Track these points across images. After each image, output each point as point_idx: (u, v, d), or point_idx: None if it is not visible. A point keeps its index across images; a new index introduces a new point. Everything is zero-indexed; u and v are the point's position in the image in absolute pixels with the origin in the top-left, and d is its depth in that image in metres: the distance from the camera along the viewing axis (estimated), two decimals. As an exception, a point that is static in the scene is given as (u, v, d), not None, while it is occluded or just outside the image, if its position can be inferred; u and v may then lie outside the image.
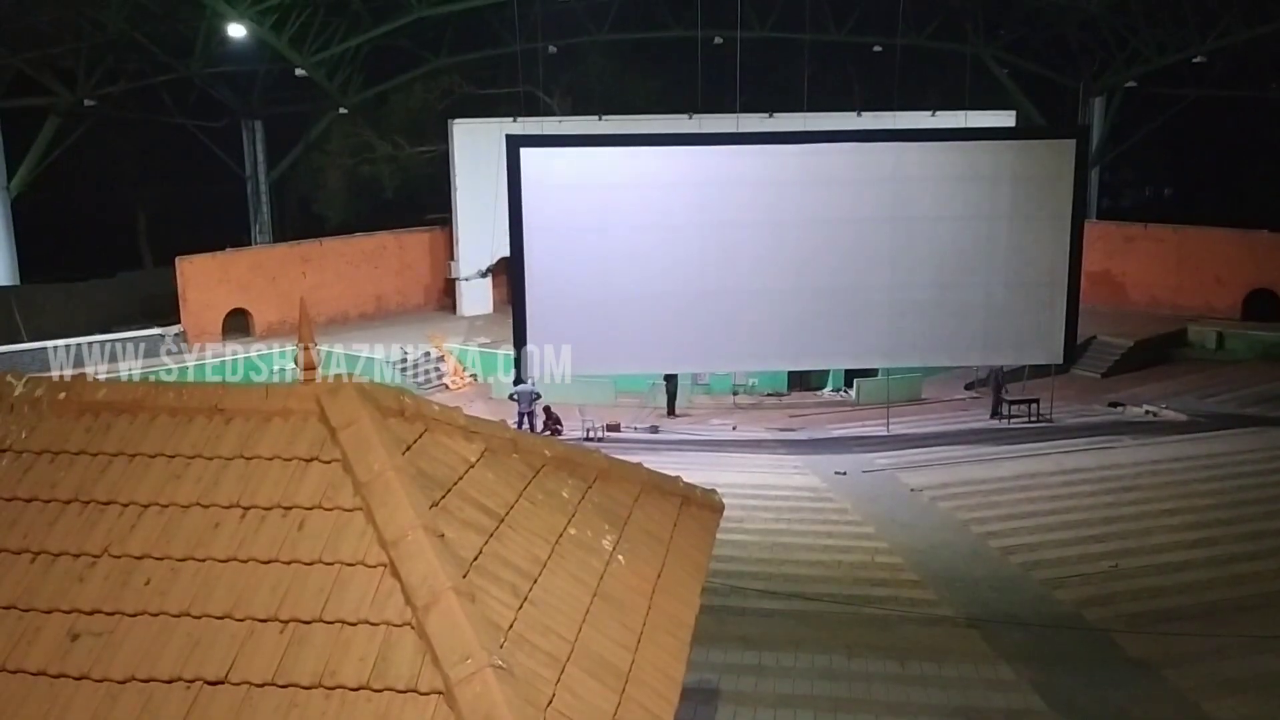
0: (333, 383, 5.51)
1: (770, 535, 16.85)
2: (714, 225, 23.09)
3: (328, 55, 34.17)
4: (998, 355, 25.65)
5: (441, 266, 37.21)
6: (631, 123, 32.38)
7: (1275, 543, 15.94)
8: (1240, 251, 33.15)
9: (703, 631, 5.94)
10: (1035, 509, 18.07)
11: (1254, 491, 18.28)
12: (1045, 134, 29.63)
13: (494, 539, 5.23)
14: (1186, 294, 33.61)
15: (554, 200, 22.78)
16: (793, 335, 23.78)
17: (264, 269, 33.79)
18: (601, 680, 4.76)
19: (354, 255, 36.08)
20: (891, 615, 13.69)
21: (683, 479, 7.35)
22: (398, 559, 4.64)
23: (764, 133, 28.48)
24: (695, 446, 23.87)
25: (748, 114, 32.59)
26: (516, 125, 31.63)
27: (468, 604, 4.47)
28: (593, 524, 6.03)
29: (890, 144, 24.10)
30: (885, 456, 22.16)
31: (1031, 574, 15.36)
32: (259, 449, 5.21)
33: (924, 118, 33.24)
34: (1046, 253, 23.62)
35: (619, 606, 5.45)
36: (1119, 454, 21.22)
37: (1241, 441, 21.59)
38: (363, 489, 4.95)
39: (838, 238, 23.26)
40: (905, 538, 17.01)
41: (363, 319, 35.02)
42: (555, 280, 22.82)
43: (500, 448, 6.07)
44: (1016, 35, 36.65)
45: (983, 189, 23.39)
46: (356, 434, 5.18)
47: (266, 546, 4.80)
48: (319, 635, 4.44)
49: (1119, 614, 13.77)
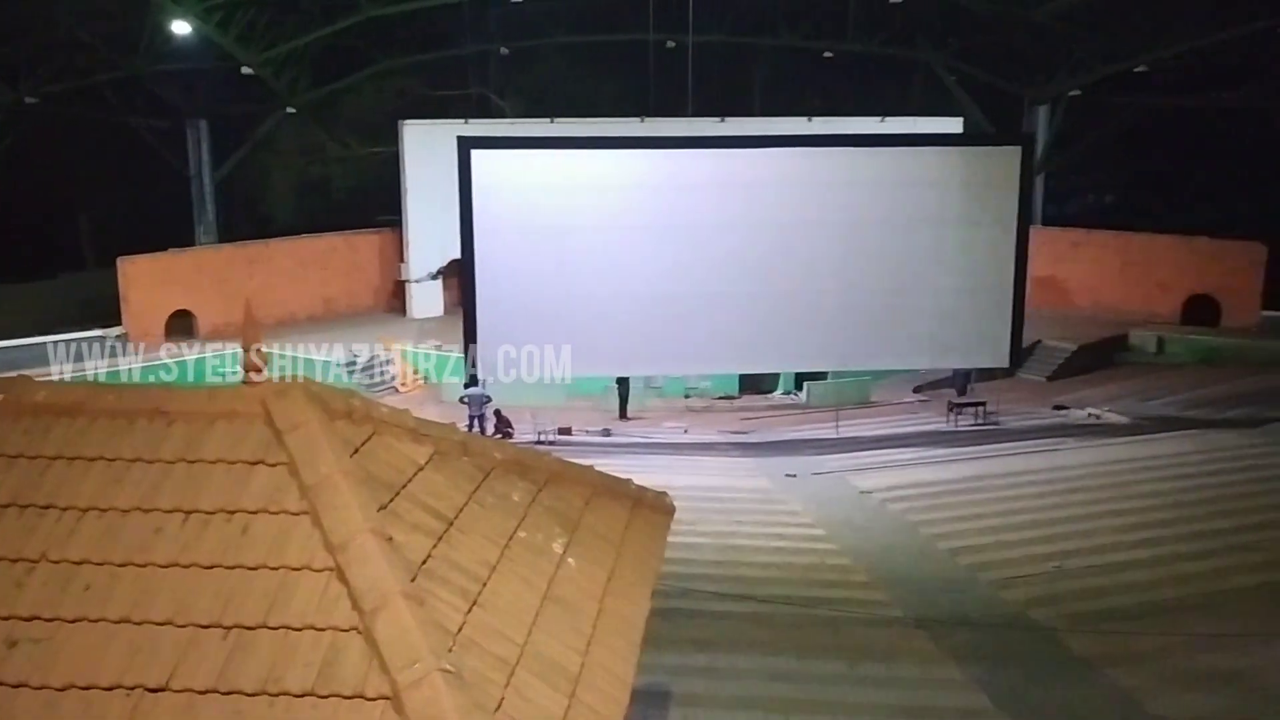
0: (279, 384, 5.44)
1: (722, 537, 16.89)
2: (666, 229, 23.14)
3: (276, 54, 33.73)
4: (945, 358, 25.99)
5: (392, 268, 36.89)
6: (584, 125, 32.34)
7: (1215, 543, 16.29)
8: (1181, 258, 33.84)
9: (654, 634, 5.93)
10: (982, 510, 18.29)
11: (1194, 493, 18.65)
12: (992, 141, 30.06)
13: (443, 542, 5.19)
14: (1129, 299, 34.23)
15: (505, 202, 22.70)
16: (744, 338, 23.88)
17: (209, 270, 33.29)
18: (551, 683, 4.74)
19: (302, 256, 35.65)
20: (842, 616, 13.78)
21: (634, 482, 7.35)
22: (345, 563, 4.59)
23: (716, 136, 28.57)
24: (647, 449, 23.88)
25: (700, 118, 32.74)
26: (468, 127, 31.48)
27: (416, 608, 4.43)
28: (543, 527, 6.00)
29: (841, 149, 24.29)
30: (835, 459, 22.32)
31: (979, 575, 15.55)
32: (202, 452, 5.13)
33: (874, 123, 33.58)
34: (993, 258, 23.93)
35: (569, 609, 5.43)
36: (1064, 456, 21.55)
37: (1182, 444, 22.02)
38: (309, 492, 4.89)
39: (789, 242, 23.40)
40: (855, 539, 17.14)
41: (311, 321, 34.61)
42: (506, 283, 22.74)
43: (450, 450, 6.03)
44: (964, 43, 37.12)
45: (931, 194, 23.64)
46: (303, 436, 5.12)
47: (209, 551, 4.73)
48: (263, 641, 4.38)
49: (1064, 613, 13.98)
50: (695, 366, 26.17)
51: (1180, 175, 38.69)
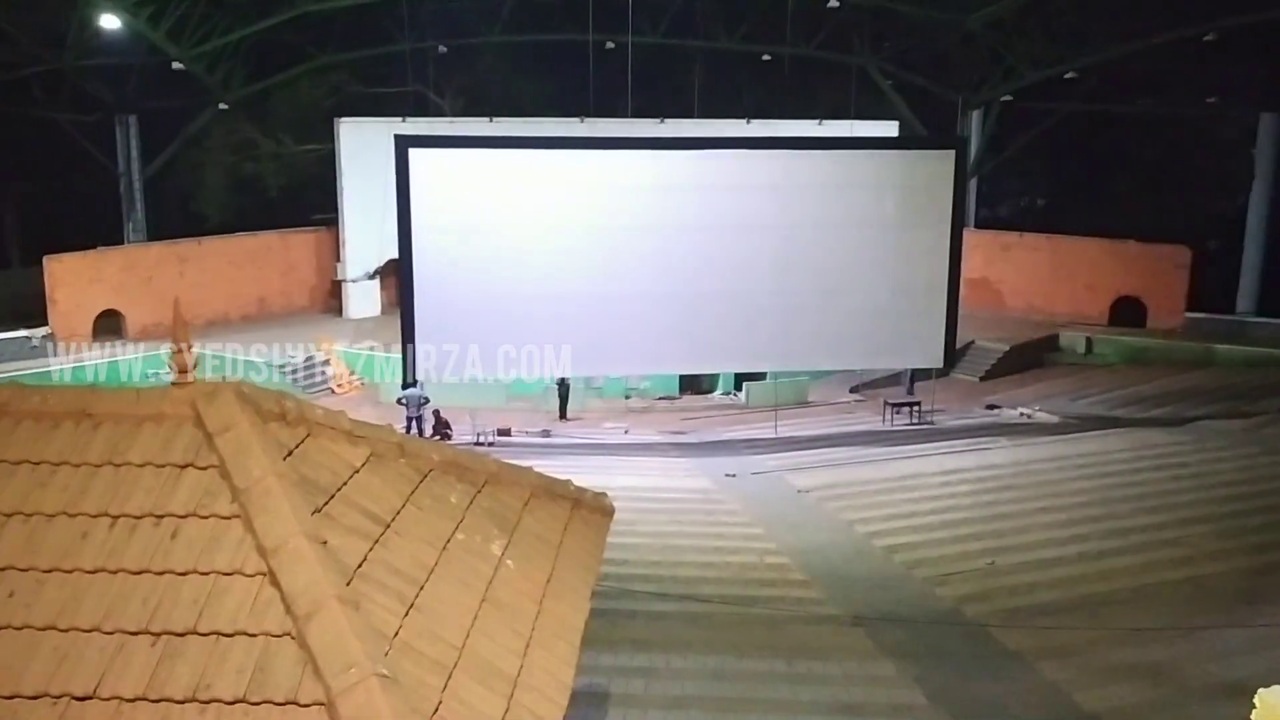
0: (209, 385, 5.35)
1: (661, 538, 16.93)
2: (605, 229, 23.13)
3: (208, 48, 33.12)
4: (881, 359, 26.36)
5: (328, 268, 36.42)
6: (523, 125, 32.26)
7: (1142, 538, 16.70)
8: (1109, 260, 34.66)
9: (593, 634, 5.93)
10: (917, 509, 18.55)
11: (1121, 490, 19.11)
12: (927, 144, 30.51)
13: (379, 545, 5.15)
14: (1059, 301, 34.98)
15: (444, 202, 22.51)
16: (683, 339, 23.96)
17: (138, 269, 32.59)
18: (490, 686, 4.72)
19: (235, 255, 35.06)
20: (779, 615, 13.89)
21: (574, 482, 7.34)
22: (278, 568, 4.53)
23: (655, 138, 28.63)
24: (587, 450, 23.85)
25: (640, 119, 32.79)
26: (406, 125, 31.17)
27: (351, 612, 4.38)
28: (482, 529, 5.97)
29: (778, 151, 24.49)
30: (773, 458, 22.50)
31: (913, 572, 15.77)
32: (130, 455, 5.02)
33: (811, 126, 33.92)
34: (928, 260, 24.28)
35: (508, 611, 5.41)
36: (996, 454, 21.96)
37: (1110, 442, 22.56)
38: (241, 496, 4.81)
39: (727, 243, 23.52)
40: (793, 538, 17.29)
41: (244, 321, 34.06)
42: (445, 283, 22.55)
43: (386, 452, 5.98)
44: (900, 48, 37.65)
45: (867, 197, 23.92)
46: (234, 439, 5.04)
47: (138, 556, 4.64)
48: (193, 648, 4.31)
49: (996, 609, 14.23)
50: (636, 367, 26.21)
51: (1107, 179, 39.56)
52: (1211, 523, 17.32)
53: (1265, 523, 17.32)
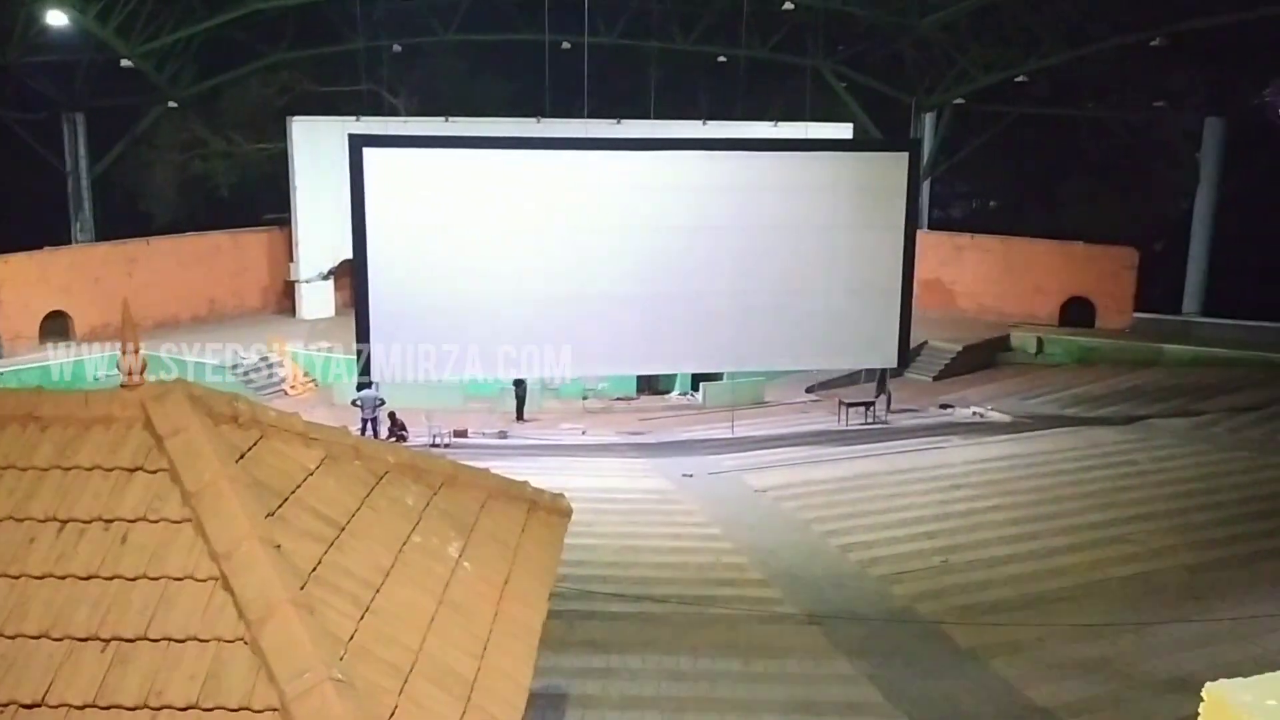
0: (159, 387, 5.26)
1: (619, 538, 16.93)
2: (561, 230, 23.10)
3: (157, 46, 32.59)
4: (836, 359, 26.56)
5: (280, 268, 36.01)
6: (479, 125, 32.08)
7: (1091, 536, 16.97)
8: (1059, 261, 35.18)
9: (551, 636, 5.92)
10: (872, 508, 18.73)
11: (1071, 488, 19.42)
12: (881, 147, 30.79)
13: (334, 548, 5.10)
14: (1010, 301, 35.45)
15: (399, 202, 22.36)
16: (640, 340, 23.99)
17: (86, 269, 32.01)
18: (446, 689, 4.69)
19: (185, 255, 34.54)
20: (736, 615, 13.94)
21: (531, 484, 7.32)
22: (230, 572, 4.47)
23: (612, 139, 28.63)
24: (545, 451, 23.80)
25: (596, 119, 32.72)
26: (360, 124, 30.90)
27: (306, 616, 4.33)
28: (438, 531, 5.93)
29: (734, 153, 24.60)
30: (731, 459, 22.57)
31: (869, 570, 15.91)
32: (78, 458, 4.93)
33: (767, 128, 34.06)
34: (882, 261, 24.51)
35: (465, 614, 5.38)
36: (949, 453, 22.22)
37: (1060, 440, 22.90)
38: (192, 499, 4.75)
39: (684, 244, 23.59)
40: (749, 538, 17.36)
41: (195, 322, 33.58)
42: (400, 283, 22.39)
43: (341, 454, 5.92)
44: (854, 51, 37.96)
45: (822, 198, 24.10)
46: (185, 442, 4.96)
47: (86, 561, 4.56)
48: (144, 654, 4.24)
49: (950, 606, 14.40)
50: (593, 368, 26.16)
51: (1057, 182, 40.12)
52: (1159, 520, 17.65)
53: (1212, 519, 17.70)
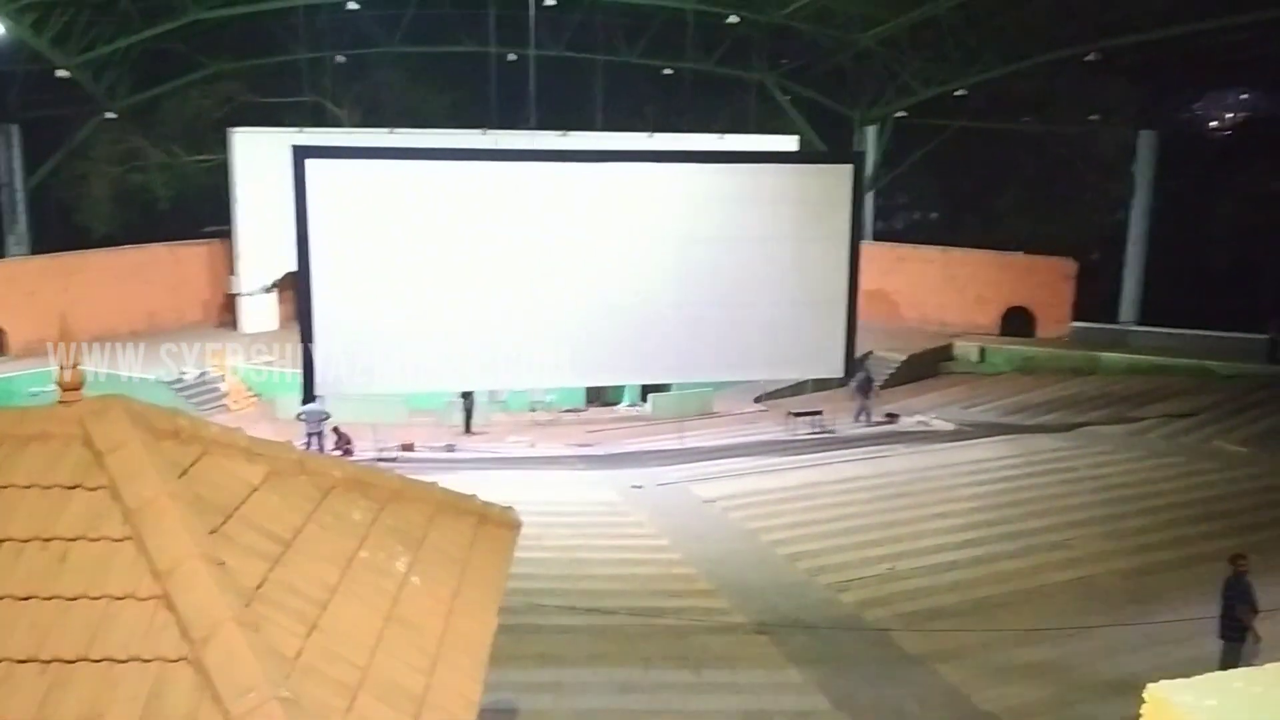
0: (98, 403, 5.17)
1: (568, 550, 16.89)
2: (508, 241, 23.01)
3: (94, 56, 32.02)
4: (782, 370, 26.75)
5: (221, 281, 35.48)
6: (424, 137, 31.91)
7: (1032, 541, 17.25)
8: (998, 272, 35.82)
9: (500, 650, 5.88)
10: (818, 516, 18.87)
11: (1013, 494, 19.72)
12: (824, 159, 31.10)
13: (280, 565, 5.03)
14: (951, 311, 36.01)
15: (343, 214, 22.14)
16: (587, 351, 23.93)
17: (20, 283, 31.32)
18: (395, 706, 4.64)
19: (123, 269, 33.94)
20: (686, 625, 13.96)
21: (479, 497, 7.27)
22: (173, 590, 4.39)
23: (558, 150, 28.63)
24: (493, 464, 23.68)
25: (542, 131, 32.72)
26: (302, 135, 30.55)
27: (251, 634, 4.27)
28: (386, 546, 5.88)
29: (679, 164, 24.68)
30: (679, 469, 22.61)
31: (816, 579, 16.01)
32: (14, 476, 4.82)
33: (712, 140, 34.30)
34: (826, 272, 24.72)
35: (413, 629, 5.33)
36: (893, 462, 22.47)
37: (1001, 448, 23.27)
38: (133, 517, 4.66)
39: (630, 255, 23.62)
40: (698, 548, 17.40)
41: (133, 336, 32.89)
42: (345, 296, 22.16)
43: (286, 469, 5.85)
44: (797, 64, 38.38)
45: (766, 210, 24.26)
46: (125, 458, 4.87)
47: (24, 581, 4.45)
48: (84, 675, 4.15)
49: (896, 613, 14.54)
50: (540, 379, 26.05)
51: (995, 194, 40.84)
52: (1098, 525, 17.98)
53: (1149, 524, 18.06)
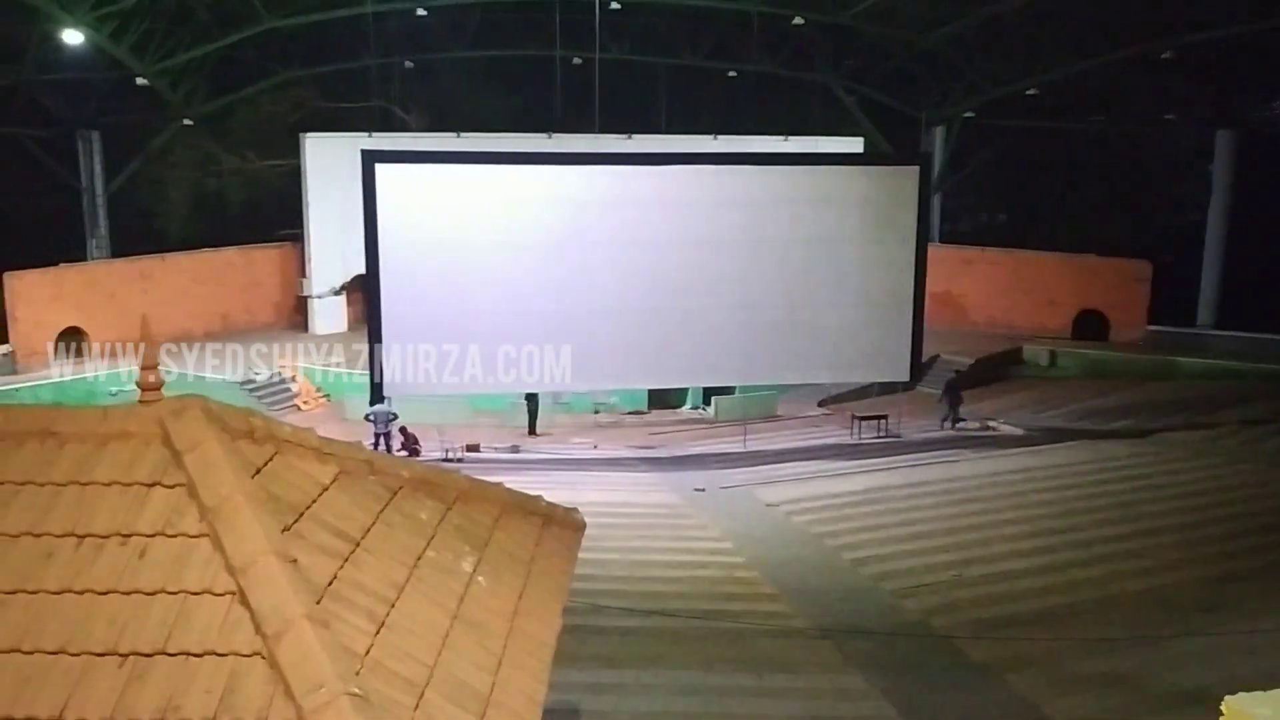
0: (176, 403, 5.30)
1: (630, 553, 16.91)
2: (573, 244, 23.14)
3: (171, 64, 32.90)
4: (848, 373, 26.53)
5: (292, 284, 36.19)
6: (490, 140, 32.22)
7: (1104, 549, 16.88)
8: (1071, 274, 35.12)
9: (563, 651, 5.92)
10: (884, 521, 18.67)
11: (1084, 501, 19.33)
12: (891, 160, 30.79)
13: (349, 564, 5.11)
14: (1021, 314, 35.38)
15: (411, 217, 22.44)
16: (651, 354, 23.99)
17: (101, 285, 32.23)
18: (461, 705, 4.70)
19: (198, 271, 34.77)
20: (748, 629, 13.91)
21: (544, 498, 7.33)
22: (247, 586, 4.49)
23: (622, 154, 28.72)
24: (556, 465, 23.81)
25: (607, 134, 32.87)
26: (371, 140, 31.09)
27: (321, 631, 4.35)
28: (452, 546, 5.95)
29: (745, 167, 24.62)
30: (742, 473, 22.54)
31: (881, 584, 15.85)
32: (95, 474, 4.96)
33: (777, 142, 34.14)
34: (892, 274, 24.49)
35: (479, 629, 5.38)
36: (961, 467, 22.15)
37: (1073, 454, 22.81)
38: (209, 514, 4.77)
39: (695, 258, 23.61)
40: (761, 552, 17.33)
41: (208, 338, 33.70)
42: (412, 298, 22.45)
43: (355, 469, 5.94)
44: (862, 65, 38.06)
45: (832, 212, 24.10)
46: (202, 457, 4.99)
47: (104, 577, 4.58)
48: (161, 669, 4.26)
49: (963, 620, 14.33)
50: (603, 382, 26.17)
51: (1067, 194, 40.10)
52: (1172, 533, 17.55)
53: (1225, 532, 17.60)
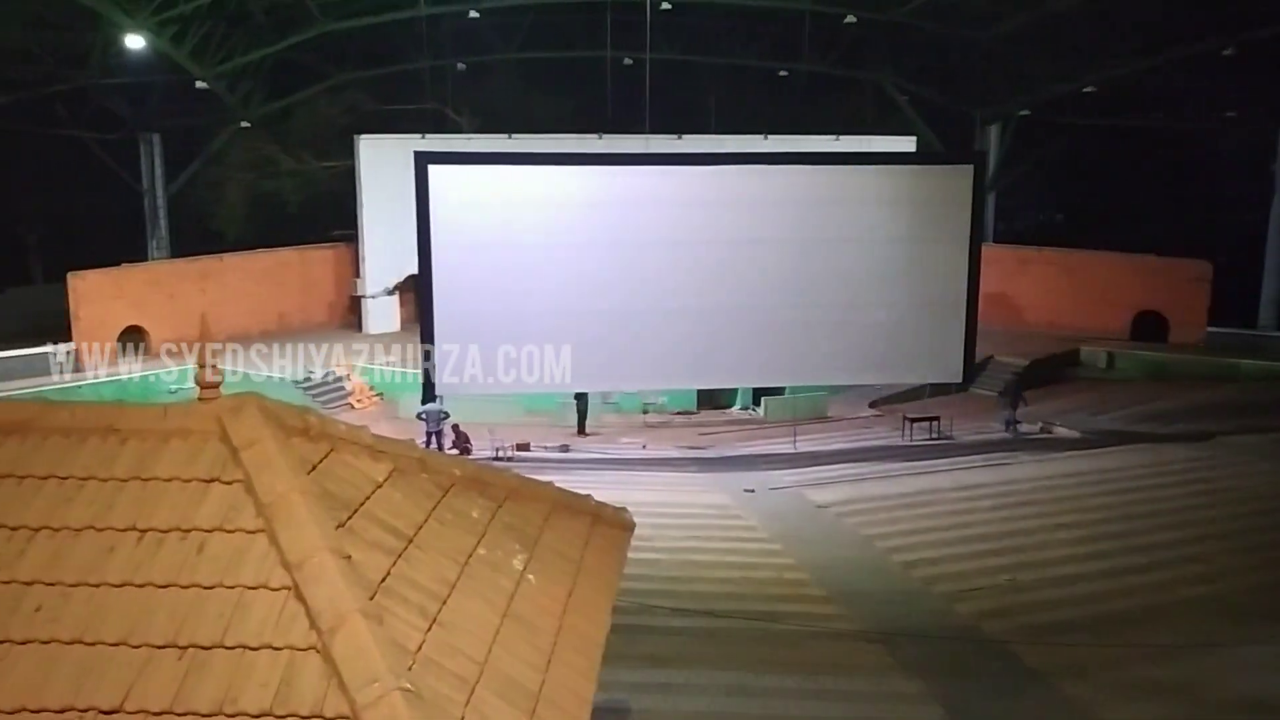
0: (234, 401, 5.39)
1: (680, 553, 16.90)
2: (623, 245, 23.21)
3: (229, 68, 33.49)
4: (900, 374, 26.30)
5: (346, 283, 36.64)
6: (542, 141, 32.38)
7: (1162, 555, 16.58)
8: (1128, 274, 34.50)
9: (612, 650, 5.94)
10: (936, 524, 18.48)
11: (1142, 505, 18.99)
12: (944, 159, 30.48)
13: (402, 560, 5.17)
14: (1078, 315, 34.80)
15: (463, 218, 22.64)
16: (701, 354, 23.99)
17: (161, 285, 32.87)
18: (511, 701, 4.73)
19: (255, 272, 35.33)
20: (798, 631, 13.84)
21: (593, 497, 7.36)
22: (302, 581, 4.56)
23: (673, 154, 28.72)
24: (605, 465, 23.85)
25: (657, 135, 32.88)
26: (424, 142, 31.37)
27: (375, 626, 4.41)
28: (503, 544, 6.00)
29: (796, 167, 24.51)
30: (792, 474, 22.43)
31: (932, 588, 15.69)
32: (156, 470, 5.07)
33: (828, 141, 33.93)
34: (946, 275, 24.25)
35: (529, 627, 5.42)
36: (1015, 470, 21.87)
37: (1130, 457, 22.42)
38: (266, 510, 4.85)
39: (745, 258, 23.56)
40: (811, 554, 17.23)
41: (265, 337, 34.26)
42: (464, 299, 22.66)
43: (408, 467, 6.01)
44: (916, 63, 37.70)
45: (885, 212, 23.93)
46: (259, 454, 5.08)
47: (164, 570, 4.68)
48: (219, 661, 4.34)
49: (1016, 625, 14.14)
50: (653, 382, 26.21)
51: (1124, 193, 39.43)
52: (1232, 539, 17.19)
53: (1287, 538, 17.20)
